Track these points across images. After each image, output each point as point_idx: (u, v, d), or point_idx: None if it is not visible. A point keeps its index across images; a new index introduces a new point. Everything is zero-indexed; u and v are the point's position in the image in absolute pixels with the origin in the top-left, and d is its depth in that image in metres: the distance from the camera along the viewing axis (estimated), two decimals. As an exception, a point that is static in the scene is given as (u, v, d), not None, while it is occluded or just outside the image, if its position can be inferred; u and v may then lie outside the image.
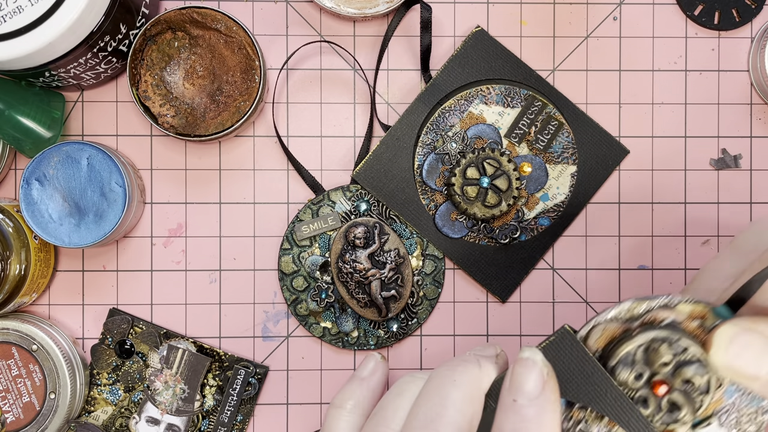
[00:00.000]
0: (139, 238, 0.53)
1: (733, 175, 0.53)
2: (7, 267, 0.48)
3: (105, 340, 0.52)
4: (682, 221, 0.53)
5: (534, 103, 0.52)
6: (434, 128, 0.52)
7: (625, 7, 0.53)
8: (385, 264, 0.51)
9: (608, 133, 0.53)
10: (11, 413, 0.49)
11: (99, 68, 0.49)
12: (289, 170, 0.53)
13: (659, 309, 0.32)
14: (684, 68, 0.53)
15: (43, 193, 0.48)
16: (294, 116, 0.53)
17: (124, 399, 0.52)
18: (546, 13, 0.53)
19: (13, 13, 0.43)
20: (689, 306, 0.31)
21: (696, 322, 0.31)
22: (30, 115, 0.49)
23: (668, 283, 0.53)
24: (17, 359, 0.49)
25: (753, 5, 0.53)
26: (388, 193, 0.52)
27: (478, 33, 0.52)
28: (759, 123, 0.53)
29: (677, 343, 0.31)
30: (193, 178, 0.53)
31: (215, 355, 0.52)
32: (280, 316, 0.53)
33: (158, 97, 0.50)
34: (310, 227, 0.52)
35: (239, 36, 0.49)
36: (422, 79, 0.53)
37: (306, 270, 0.52)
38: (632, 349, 0.31)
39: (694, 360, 0.31)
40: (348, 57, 0.53)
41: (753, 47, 0.53)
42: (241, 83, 0.50)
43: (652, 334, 0.31)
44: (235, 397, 0.52)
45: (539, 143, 0.52)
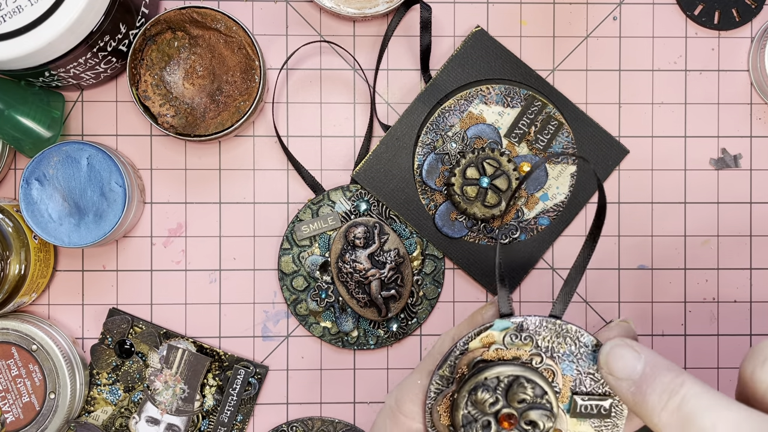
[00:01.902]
0: (139, 237, 0.53)
1: (733, 174, 0.53)
2: (6, 267, 0.48)
3: (105, 340, 0.52)
4: (682, 221, 0.53)
5: (534, 103, 0.52)
6: (434, 128, 0.52)
7: (625, 7, 0.53)
8: (384, 264, 0.51)
9: (608, 133, 0.53)
10: (11, 413, 0.49)
11: (99, 68, 0.49)
12: (289, 170, 0.53)
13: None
14: (684, 68, 0.53)
15: (42, 192, 0.48)
16: (294, 116, 0.53)
17: (124, 399, 0.52)
18: (546, 13, 0.53)
19: (13, 13, 0.43)
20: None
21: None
22: (30, 114, 0.49)
23: (668, 283, 0.53)
24: (17, 359, 0.49)
25: (753, 5, 0.53)
26: (388, 193, 0.52)
27: (478, 33, 0.52)
28: (759, 123, 0.53)
29: (538, 387, 0.33)
30: (193, 178, 0.53)
31: (215, 354, 0.52)
32: (280, 315, 0.53)
33: (158, 96, 0.50)
34: (310, 227, 0.52)
35: (239, 36, 0.49)
36: (422, 79, 0.53)
37: (306, 270, 0.52)
38: (501, 376, 0.33)
39: (546, 407, 0.33)
40: (348, 57, 0.53)
41: (753, 47, 0.53)
42: (241, 83, 0.50)
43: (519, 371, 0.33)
44: (234, 396, 0.52)
45: (539, 143, 0.52)
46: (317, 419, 0.53)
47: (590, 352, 0.34)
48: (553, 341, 0.34)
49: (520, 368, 0.33)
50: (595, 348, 0.34)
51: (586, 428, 0.35)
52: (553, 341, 0.34)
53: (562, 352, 0.34)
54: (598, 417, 0.35)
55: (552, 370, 0.34)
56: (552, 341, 0.34)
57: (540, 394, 0.33)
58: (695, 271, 0.53)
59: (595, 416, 0.35)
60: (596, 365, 0.34)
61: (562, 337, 0.34)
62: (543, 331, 0.34)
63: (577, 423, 0.35)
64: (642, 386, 0.32)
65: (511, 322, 0.34)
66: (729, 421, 0.30)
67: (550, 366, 0.34)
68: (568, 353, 0.34)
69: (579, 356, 0.34)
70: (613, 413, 0.35)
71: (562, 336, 0.34)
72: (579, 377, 0.35)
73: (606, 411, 0.35)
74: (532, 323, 0.34)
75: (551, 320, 0.34)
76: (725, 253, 0.53)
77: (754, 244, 0.54)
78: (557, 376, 0.34)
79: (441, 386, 0.35)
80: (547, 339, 0.34)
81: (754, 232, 0.53)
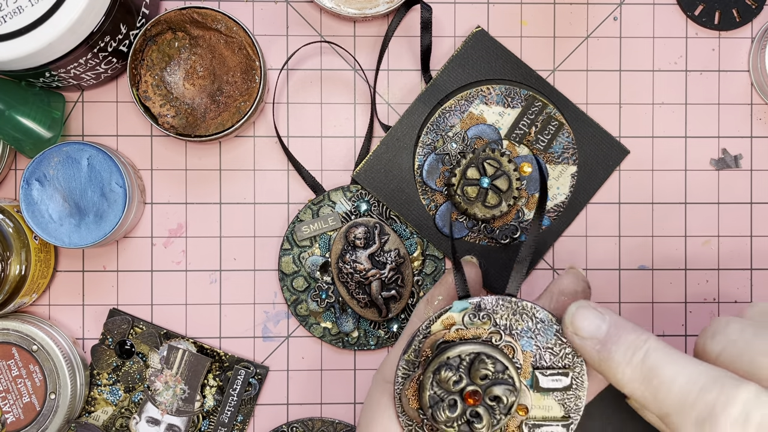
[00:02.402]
0: (139, 238, 0.53)
1: (733, 175, 0.53)
2: (7, 267, 0.48)
3: (105, 341, 0.52)
4: (683, 221, 0.53)
5: (534, 103, 0.52)
6: (434, 128, 0.52)
7: (625, 7, 0.53)
8: (385, 264, 0.51)
9: (608, 133, 0.53)
10: (11, 413, 0.49)
11: (99, 68, 0.49)
12: (290, 170, 0.53)
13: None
14: (684, 68, 0.53)
15: (43, 193, 0.48)
16: (294, 116, 0.53)
17: (125, 399, 0.52)
18: (546, 13, 0.53)
19: (14, 14, 0.43)
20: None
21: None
22: (30, 115, 0.49)
23: (668, 283, 0.53)
24: (17, 359, 0.49)
25: (753, 5, 0.53)
26: (388, 193, 0.52)
27: (478, 33, 0.52)
28: (759, 123, 0.53)
29: (499, 363, 0.34)
30: (193, 179, 0.53)
31: (215, 355, 0.52)
32: (281, 316, 0.53)
33: (158, 97, 0.50)
34: (310, 227, 0.52)
35: (239, 36, 0.49)
36: (422, 80, 0.53)
37: (306, 270, 0.52)
38: (462, 354, 0.34)
39: (508, 382, 0.34)
40: (348, 57, 0.53)
41: (753, 47, 0.53)
42: (242, 83, 0.50)
43: (480, 348, 0.34)
44: (235, 397, 0.52)
45: (539, 143, 0.52)
46: (317, 420, 0.53)
47: (547, 327, 0.35)
48: (510, 319, 0.35)
49: (480, 346, 0.34)
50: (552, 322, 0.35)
51: (549, 402, 0.36)
52: (511, 319, 0.35)
53: (520, 329, 0.35)
54: (561, 390, 0.36)
55: (512, 347, 0.35)
56: (510, 319, 0.35)
57: (501, 369, 0.34)
58: (696, 271, 0.53)
59: (557, 389, 0.36)
60: (555, 340, 0.35)
61: (518, 315, 0.35)
62: (500, 310, 0.35)
63: (541, 397, 0.36)
64: (607, 344, 0.34)
65: (469, 302, 0.35)
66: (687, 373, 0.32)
67: (510, 342, 0.35)
68: (526, 329, 0.35)
69: (537, 332, 0.36)
70: (574, 385, 0.36)
71: (518, 313, 0.35)
72: (539, 352, 0.36)
73: (567, 383, 0.36)
74: (489, 302, 0.35)
75: (507, 298, 0.35)
76: (726, 253, 0.53)
77: (754, 244, 0.54)
78: (517, 352, 0.35)
79: (407, 371, 0.36)
80: (504, 317, 0.35)
81: (754, 233, 0.53)
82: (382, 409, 0.37)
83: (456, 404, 0.34)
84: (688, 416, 0.32)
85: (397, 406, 0.36)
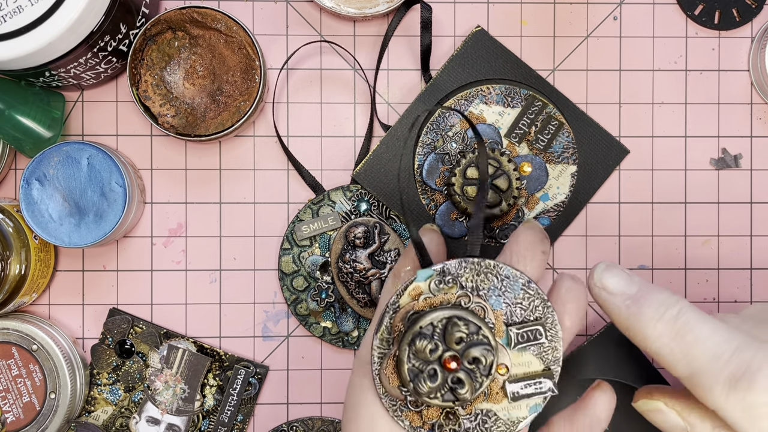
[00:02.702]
0: (139, 238, 0.53)
1: (733, 174, 0.53)
2: (7, 267, 0.48)
3: (105, 340, 0.52)
4: (682, 221, 0.53)
5: (534, 102, 0.52)
6: (434, 128, 0.52)
7: (625, 7, 0.53)
8: (385, 264, 0.51)
9: (608, 132, 0.53)
10: (11, 413, 0.49)
11: (99, 68, 0.49)
12: (290, 170, 0.53)
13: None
14: (684, 68, 0.53)
15: (43, 193, 0.48)
16: (294, 116, 0.53)
17: (125, 399, 0.52)
18: (546, 13, 0.53)
19: (13, 13, 0.43)
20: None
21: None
22: (30, 115, 0.49)
23: (668, 283, 0.53)
24: (17, 359, 0.49)
25: (753, 5, 0.53)
26: (388, 192, 0.52)
27: (478, 33, 0.52)
28: (759, 123, 0.53)
29: (472, 324, 0.34)
30: (193, 178, 0.53)
31: (215, 354, 0.52)
32: (281, 315, 0.53)
33: (158, 96, 0.50)
34: (310, 227, 0.52)
35: (239, 36, 0.49)
36: (422, 79, 0.53)
37: (306, 270, 0.52)
38: (434, 321, 0.34)
39: (484, 341, 0.34)
40: (348, 57, 0.53)
41: (753, 47, 0.53)
42: (242, 83, 0.50)
43: (450, 312, 0.34)
44: (235, 396, 0.52)
45: (539, 143, 0.52)
46: (317, 419, 0.53)
47: (513, 282, 0.35)
48: (476, 280, 0.35)
49: (450, 310, 0.34)
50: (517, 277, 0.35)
51: (528, 357, 0.35)
52: (476, 280, 0.35)
53: (487, 288, 0.35)
54: (537, 344, 0.35)
55: (482, 307, 0.35)
56: (475, 280, 0.35)
57: (475, 330, 0.34)
58: (696, 271, 0.53)
59: (533, 344, 0.35)
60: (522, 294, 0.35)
61: (483, 274, 0.35)
62: (465, 272, 0.35)
63: (519, 354, 0.35)
64: (639, 300, 0.34)
65: (433, 269, 0.35)
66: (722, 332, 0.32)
67: (479, 303, 0.35)
68: (493, 288, 0.35)
69: (504, 289, 0.35)
70: (549, 336, 0.35)
71: (483, 273, 0.35)
72: (509, 309, 0.35)
73: (542, 335, 0.35)
74: (452, 266, 0.35)
75: (469, 260, 0.35)
76: (726, 253, 0.53)
77: (754, 244, 0.54)
78: (488, 312, 0.35)
79: (383, 350, 0.35)
80: (470, 279, 0.35)
81: (754, 232, 0.53)
82: (366, 392, 0.36)
83: (436, 373, 0.34)
84: (720, 374, 0.31)
85: (378, 387, 0.36)
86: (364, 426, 0.36)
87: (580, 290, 0.37)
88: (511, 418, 0.35)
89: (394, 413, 0.35)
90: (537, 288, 0.35)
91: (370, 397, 0.36)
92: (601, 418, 0.36)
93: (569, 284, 0.37)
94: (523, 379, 0.35)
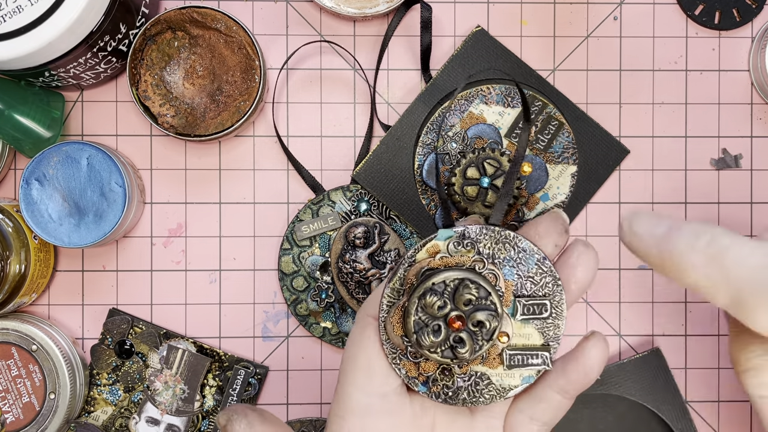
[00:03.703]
0: (138, 238, 0.53)
1: (733, 175, 0.53)
2: (6, 267, 0.47)
3: (105, 341, 0.52)
4: (683, 221, 0.53)
5: (534, 103, 0.52)
6: (434, 128, 0.52)
7: (625, 7, 0.53)
8: (385, 264, 0.51)
9: (608, 133, 0.53)
10: (11, 413, 0.49)
11: (99, 68, 0.49)
12: (289, 170, 0.53)
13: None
14: (684, 68, 0.53)
15: (42, 193, 0.48)
16: (294, 116, 0.53)
17: (124, 399, 0.52)
18: (546, 13, 0.53)
19: (13, 13, 0.43)
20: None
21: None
22: (30, 114, 0.48)
23: (668, 283, 0.53)
24: (17, 359, 0.49)
25: (753, 5, 0.53)
26: (388, 193, 0.52)
27: (478, 33, 0.52)
28: (759, 123, 0.53)
29: (483, 289, 0.35)
30: (193, 178, 0.53)
31: (215, 355, 0.52)
32: (280, 316, 0.53)
33: (158, 96, 0.50)
34: (310, 227, 0.52)
35: (239, 36, 0.49)
36: (422, 79, 0.53)
37: (306, 270, 0.52)
38: (447, 280, 0.35)
39: (491, 307, 0.35)
40: (348, 57, 0.53)
41: (753, 47, 0.53)
42: (241, 83, 0.50)
43: (463, 274, 0.35)
44: (235, 397, 0.52)
45: (539, 143, 0.52)
46: (318, 419, 0.52)
47: (529, 256, 0.36)
48: (493, 248, 0.36)
49: (464, 272, 0.35)
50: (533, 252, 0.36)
51: (530, 330, 0.36)
52: (494, 248, 0.36)
53: (502, 257, 0.36)
54: (540, 318, 0.36)
55: (494, 275, 0.36)
56: (492, 248, 0.36)
57: (484, 295, 0.35)
58: (696, 271, 0.53)
59: (537, 318, 0.36)
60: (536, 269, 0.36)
61: (501, 243, 0.36)
62: (484, 239, 0.36)
63: (522, 326, 0.36)
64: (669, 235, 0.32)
65: (454, 231, 0.36)
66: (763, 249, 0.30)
67: (493, 270, 0.36)
68: (508, 258, 0.36)
69: (519, 261, 0.36)
70: (554, 314, 0.36)
71: (501, 242, 0.36)
72: (520, 281, 0.36)
73: (547, 311, 0.36)
74: (473, 231, 0.36)
75: (491, 228, 0.36)
76: (726, 253, 0.53)
77: (754, 244, 0.53)
78: (499, 281, 0.36)
79: (392, 299, 0.36)
80: (488, 246, 0.36)
81: (754, 233, 0.53)
82: (366, 342, 0.37)
83: (440, 329, 0.35)
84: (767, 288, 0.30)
85: (382, 334, 0.36)
86: (360, 372, 0.37)
87: (590, 256, 0.37)
88: (503, 384, 0.36)
89: (392, 360, 0.36)
90: (551, 266, 0.36)
91: (370, 347, 0.37)
92: (594, 368, 0.36)
93: (581, 249, 0.37)
94: (522, 350, 0.36)
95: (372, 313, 0.37)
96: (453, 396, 0.37)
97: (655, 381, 0.51)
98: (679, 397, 0.51)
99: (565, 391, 0.36)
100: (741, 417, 0.54)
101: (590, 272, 0.37)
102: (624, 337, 0.53)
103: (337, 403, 0.37)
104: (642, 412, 0.52)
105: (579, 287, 0.37)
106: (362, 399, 0.36)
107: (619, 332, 0.54)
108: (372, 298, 0.38)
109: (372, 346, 0.37)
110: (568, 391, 0.37)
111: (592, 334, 0.37)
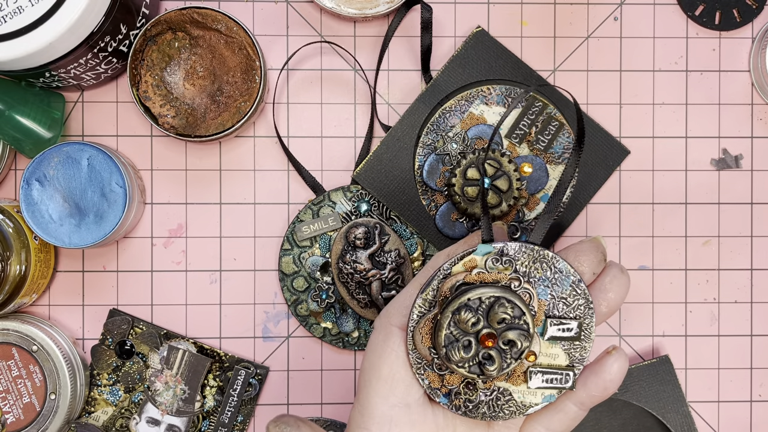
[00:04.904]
0: (139, 238, 0.53)
1: (733, 175, 0.53)
2: (7, 267, 0.47)
3: (105, 341, 0.52)
4: (683, 221, 0.53)
5: (534, 103, 0.52)
6: (435, 129, 0.52)
7: (625, 8, 0.53)
8: (385, 264, 0.51)
9: (609, 133, 0.53)
10: (11, 414, 0.49)
11: (99, 68, 0.49)
12: (290, 170, 0.53)
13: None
14: (685, 68, 0.53)
15: (43, 193, 0.48)
16: (294, 116, 0.53)
17: (125, 400, 0.52)
18: (547, 14, 0.53)
19: (14, 14, 0.43)
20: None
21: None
22: (30, 115, 0.48)
23: (669, 283, 0.53)
24: (17, 360, 0.49)
25: (754, 5, 0.53)
26: (388, 193, 0.52)
27: (478, 33, 0.52)
28: (760, 123, 0.53)
29: (517, 308, 0.35)
30: (193, 179, 0.53)
31: (216, 355, 0.52)
32: (281, 316, 0.53)
33: (158, 97, 0.50)
34: (310, 228, 0.52)
35: (240, 36, 0.49)
36: (423, 80, 0.53)
37: (306, 270, 0.52)
38: (483, 297, 0.35)
39: (524, 327, 0.35)
40: (348, 57, 0.53)
41: (754, 47, 0.53)
42: (242, 83, 0.50)
43: (500, 292, 0.35)
44: (235, 397, 0.52)
45: (540, 144, 0.52)
46: (318, 419, 0.52)
47: (564, 278, 0.36)
48: (530, 266, 0.36)
49: (500, 290, 0.35)
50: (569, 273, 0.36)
51: (557, 350, 0.37)
52: (531, 266, 0.36)
53: (538, 277, 0.36)
54: (569, 340, 0.36)
55: (529, 294, 0.36)
56: (530, 266, 0.36)
57: (518, 315, 0.35)
58: (696, 271, 0.53)
59: (565, 339, 0.36)
60: (570, 290, 0.36)
61: (539, 263, 0.36)
62: (522, 257, 0.36)
63: (549, 345, 0.36)
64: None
65: (493, 246, 0.36)
66: None
67: (527, 290, 0.36)
68: (543, 278, 0.36)
69: (554, 281, 0.36)
70: (582, 336, 0.36)
71: (539, 261, 0.36)
72: (553, 301, 0.36)
73: (576, 334, 0.36)
74: (512, 249, 0.36)
75: (530, 246, 0.36)
76: (726, 253, 0.53)
77: (754, 244, 0.54)
78: (533, 300, 0.36)
79: (423, 310, 0.36)
80: (525, 264, 0.36)
81: (755, 233, 0.53)
82: (389, 351, 0.37)
83: (470, 345, 0.35)
84: None
85: (409, 343, 0.36)
86: (383, 383, 0.37)
87: (623, 281, 0.37)
88: (525, 401, 0.37)
89: (417, 371, 0.36)
90: (585, 289, 0.36)
91: (393, 356, 0.37)
92: (614, 383, 0.37)
93: (615, 272, 0.37)
94: (547, 369, 0.37)
95: (396, 323, 0.37)
96: (473, 409, 0.37)
97: (662, 388, 0.51)
98: (685, 406, 0.51)
99: (582, 403, 0.37)
100: (741, 417, 0.54)
101: (621, 297, 0.37)
102: (624, 337, 0.53)
103: (360, 414, 0.37)
104: (647, 419, 0.52)
105: (609, 310, 0.37)
106: (386, 410, 0.37)
107: (619, 332, 0.54)
108: (394, 306, 0.38)
109: (396, 356, 0.37)
110: (584, 403, 0.37)
111: (614, 349, 0.38)
